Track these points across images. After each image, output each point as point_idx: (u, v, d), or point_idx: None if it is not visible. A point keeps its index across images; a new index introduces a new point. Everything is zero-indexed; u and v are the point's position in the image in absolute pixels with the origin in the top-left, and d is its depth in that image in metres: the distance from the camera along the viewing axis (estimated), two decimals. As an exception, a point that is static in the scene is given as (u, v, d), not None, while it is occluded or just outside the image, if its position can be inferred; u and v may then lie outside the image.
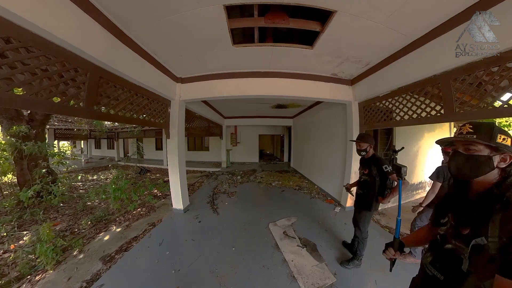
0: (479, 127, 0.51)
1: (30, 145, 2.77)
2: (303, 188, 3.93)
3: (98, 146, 11.17)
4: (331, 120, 3.43)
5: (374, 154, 1.47)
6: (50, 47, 1.05)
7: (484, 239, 0.46)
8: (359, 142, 1.45)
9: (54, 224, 2.36)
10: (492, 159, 0.49)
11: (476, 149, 0.50)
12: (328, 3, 1.23)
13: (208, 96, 2.55)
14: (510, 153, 0.48)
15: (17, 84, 0.97)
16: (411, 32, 1.49)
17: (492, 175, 0.50)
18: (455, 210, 0.56)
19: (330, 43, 1.69)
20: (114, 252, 1.81)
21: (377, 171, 1.36)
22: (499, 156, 0.49)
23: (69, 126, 6.31)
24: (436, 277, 0.56)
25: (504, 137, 0.49)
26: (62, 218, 2.65)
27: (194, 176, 5.30)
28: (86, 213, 2.77)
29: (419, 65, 1.60)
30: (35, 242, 1.83)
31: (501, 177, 0.49)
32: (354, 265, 1.54)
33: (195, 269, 1.56)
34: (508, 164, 0.49)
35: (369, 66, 2.15)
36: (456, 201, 0.57)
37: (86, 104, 1.30)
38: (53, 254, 1.62)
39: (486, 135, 0.50)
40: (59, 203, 2.97)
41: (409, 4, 1.18)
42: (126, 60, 1.57)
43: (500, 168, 0.49)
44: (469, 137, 0.51)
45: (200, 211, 2.75)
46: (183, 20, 1.39)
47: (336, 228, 2.20)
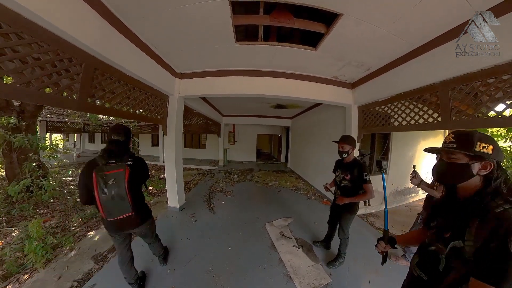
0: (459, 137, 0.53)
1: (20, 138, 2.65)
2: (299, 188, 3.96)
3: (92, 140, 10.85)
4: (330, 122, 3.45)
5: (356, 159, 1.48)
6: (43, 34, 0.99)
7: (461, 243, 0.49)
8: (342, 144, 1.44)
9: (44, 220, 2.28)
10: (471, 166, 0.50)
11: (456, 158, 0.53)
12: (335, 5, 1.22)
13: (208, 93, 2.51)
14: (490, 161, 0.49)
15: (6, 73, 0.92)
16: (413, 40, 1.51)
17: (475, 182, 0.52)
18: (444, 214, 0.59)
19: (334, 45, 1.69)
20: (106, 251, 1.76)
21: (357, 176, 1.37)
22: (480, 164, 0.50)
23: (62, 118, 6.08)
24: (420, 277, 0.59)
25: (484, 145, 0.49)
26: (53, 215, 2.56)
27: (190, 174, 5.24)
28: (77, 209, 2.70)
29: (419, 73, 1.63)
30: (23, 239, 1.75)
31: (483, 184, 0.51)
32: (339, 264, 1.61)
33: (191, 268, 1.54)
34: (489, 172, 0.49)
35: (370, 71, 2.17)
36: (446, 206, 0.60)
37: (79, 96, 1.23)
38: (43, 252, 1.56)
39: (466, 144, 0.51)
40: (50, 199, 2.87)
41: (414, 12, 1.19)
42: (124, 51, 1.50)
43: (481, 175, 0.51)
44: (450, 146, 0.54)
45: (196, 209, 2.72)
46: (186, 14, 1.35)
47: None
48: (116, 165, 1.01)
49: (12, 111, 2.88)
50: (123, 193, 0.99)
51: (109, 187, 0.96)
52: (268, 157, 9.20)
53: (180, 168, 2.64)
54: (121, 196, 0.99)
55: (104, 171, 0.97)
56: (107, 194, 0.96)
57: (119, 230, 1.13)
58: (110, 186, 0.96)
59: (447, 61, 1.38)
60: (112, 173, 0.98)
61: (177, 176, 2.54)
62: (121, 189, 0.99)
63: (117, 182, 0.98)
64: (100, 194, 0.95)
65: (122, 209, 1.01)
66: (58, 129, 6.48)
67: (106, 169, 0.98)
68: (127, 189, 1.01)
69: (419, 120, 1.77)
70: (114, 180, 0.97)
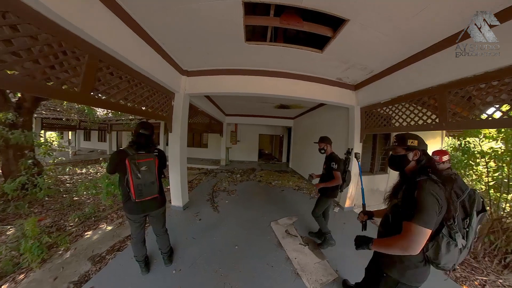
0: (398, 138, 0.83)
1: (17, 134, 2.56)
2: (302, 188, 3.97)
3: (88, 138, 10.55)
4: (333, 122, 3.52)
5: (332, 153, 1.79)
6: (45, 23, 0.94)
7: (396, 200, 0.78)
8: (318, 143, 1.85)
9: (39, 219, 2.18)
10: (407, 155, 0.79)
11: (398, 151, 0.82)
12: (342, 11, 1.29)
13: (215, 91, 2.52)
14: (417, 150, 0.77)
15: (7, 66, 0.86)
16: (414, 45, 1.59)
17: (412, 165, 0.79)
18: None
19: (339, 49, 1.76)
20: (105, 252, 1.69)
21: (328, 166, 1.73)
22: (412, 153, 0.78)
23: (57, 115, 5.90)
24: (381, 231, 0.88)
25: (412, 141, 0.78)
26: (48, 213, 2.46)
27: (192, 173, 5.18)
28: (74, 208, 2.60)
29: (419, 76, 1.72)
30: (19, 237, 1.67)
31: (416, 166, 0.78)
32: (328, 244, 1.82)
33: (198, 268, 1.51)
34: (418, 158, 0.77)
35: (373, 73, 2.25)
36: (401, 183, 0.84)
37: (82, 89, 1.18)
38: (39, 251, 1.50)
39: (402, 141, 0.80)
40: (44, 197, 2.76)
41: (415, 18, 1.26)
42: (130, 45, 1.47)
43: (414, 160, 0.78)
44: (394, 144, 0.84)
45: (200, 208, 2.68)
46: (198, 11, 1.36)
47: (335, 227, 2.24)
48: (146, 155, 1.21)
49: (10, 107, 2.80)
50: (154, 178, 1.23)
51: (142, 173, 1.16)
52: (269, 157, 9.22)
53: (184, 166, 2.61)
54: (151, 180, 1.21)
55: (136, 159, 1.16)
56: (141, 178, 1.16)
57: (142, 211, 1.28)
58: (143, 172, 1.17)
59: (444, 66, 1.48)
60: (144, 161, 1.18)
61: (181, 175, 2.51)
62: (152, 175, 1.22)
63: (149, 169, 1.20)
64: (134, 178, 1.15)
65: (151, 191, 1.22)
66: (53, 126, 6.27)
67: (137, 157, 1.17)
68: (157, 174, 1.25)
69: (419, 121, 1.85)
70: (147, 167, 1.19)
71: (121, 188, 1.22)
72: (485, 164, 2.27)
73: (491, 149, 2.23)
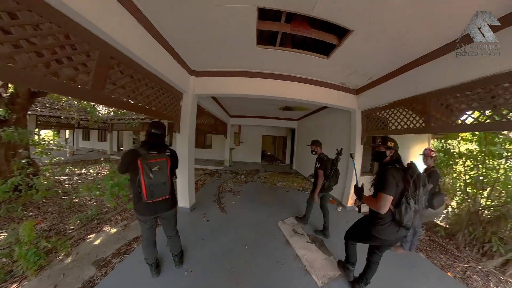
0: (382, 139, 1.24)
1: (9, 131, 2.41)
2: (307, 189, 4.05)
3: (87, 137, 10.00)
4: (335, 125, 3.63)
5: (320, 154, 2.04)
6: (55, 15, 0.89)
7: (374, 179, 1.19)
8: (309, 145, 2.14)
9: (36, 222, 2.07)
10: (386, 152, 1.19)
11: (381, 149, 1.22)
12: (348, 22, 1.40)
13: (223, 93, 2.54)
14: (392, 149, 1.18)
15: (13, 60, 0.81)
16: (407, 55, 1.77)
17: (387, 159, 1.19)
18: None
19: (343, 55, 1.88)
20: (110, 255, 1.63)
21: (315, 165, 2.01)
22: (389, 151, 1.19)
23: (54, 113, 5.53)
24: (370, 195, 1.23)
25: (390, 142, 1.20)
26: (45, 216, 2.34)
27: (196, 174, 5.11)
28: (74, 211, 2.50)
29: (409, 85, 1.92)
30: (12, 243, 1.57)
31: (390, 159, 1.19)
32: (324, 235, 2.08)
33: (209, 269, 1.52)
34: (392, 154, 1.19)
35: (372, 79, 2.39)
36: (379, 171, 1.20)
37: (93, 86, 1.13)
38: (35, 258, 1.41)
39: (384, 142, 1.21)
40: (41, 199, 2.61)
41: (409, 32, 1.43)
42: (142, 43, 1.44)
43: (389, 156, 1.19)
44: (379, 143, 1.25)
45: (207, 209, 2.68)
46: (212, 14, 1.38)
47: (339, 225, 2.34)
48: (158, 155, 1.17)
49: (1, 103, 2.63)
50: (166, 178, 1.17)
51: (154, 173, 1.11)
52: (272, 159, 9.23)
53: (192, 167, 2.59)
54: (163, 181, 1.16)
55: (148, 159, 1.11)
56: (153, 178, 1.11)
57: (153, 212, 1.24)
58: (156, 172, 1.12)
59: (431, 76, 1.70)
60: (156, 161, 1.14)
61: (189, 176, 2.50)
62: (164, 175, 1.16)
63: (161, 169, 1.15)
64: (146, 178, 1.09)
65: (162, 192, 1.18)
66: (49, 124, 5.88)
67: (149, 157, 1.13)
68: (169, 175, 1.20)
69: (410, 125, 2.04)
70: (159, 167, 1.14)
71: (132, 188, 1.18)
72: (463, 164, 2.50)
73: (467, 150, 2.46)
